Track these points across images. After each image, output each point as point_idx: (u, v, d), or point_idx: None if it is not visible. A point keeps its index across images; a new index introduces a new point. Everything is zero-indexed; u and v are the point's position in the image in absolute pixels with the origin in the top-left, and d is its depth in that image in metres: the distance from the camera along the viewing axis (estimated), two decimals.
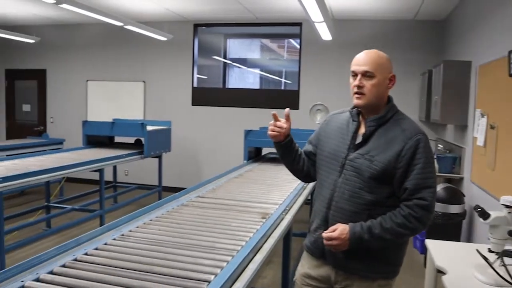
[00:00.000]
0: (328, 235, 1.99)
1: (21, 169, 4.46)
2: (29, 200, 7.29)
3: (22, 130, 9.22)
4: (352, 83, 2.05)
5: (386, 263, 2.09)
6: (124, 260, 2.02)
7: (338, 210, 2.05)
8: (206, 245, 2.26)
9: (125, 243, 2.27)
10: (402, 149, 1.94)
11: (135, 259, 2.03)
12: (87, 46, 8.71)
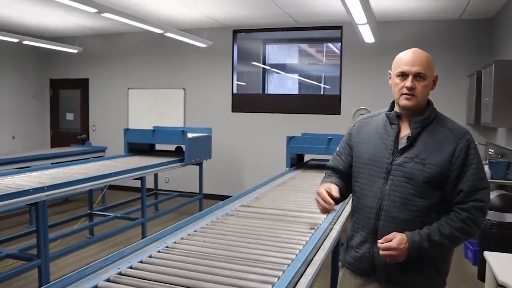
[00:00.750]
0: (385, 245, 1.84)
1: (65, 178, 4.49)
2: (73, 208, 7.39)
3: (65, 138, 9.42)
4: (398, 84, 1.94)
5: (437, 272, 1.97)
6: (169, 274, 1.93)
7: (389, 220, 1.91)
8: (254, 258, 2.15)
9: (170, 256, 2.18)
10: (454, 150, 1.86)
11: (180, 274, 1.93)
12: (128, 55, 8.82)
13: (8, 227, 6.15)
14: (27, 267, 3.97)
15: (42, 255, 3.96)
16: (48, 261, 4.03)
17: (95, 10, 4.50)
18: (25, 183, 4.18)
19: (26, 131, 9.32)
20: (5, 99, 8.89)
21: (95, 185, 4.66)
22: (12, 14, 6.99)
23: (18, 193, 3.75)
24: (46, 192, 3.99)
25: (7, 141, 8.85)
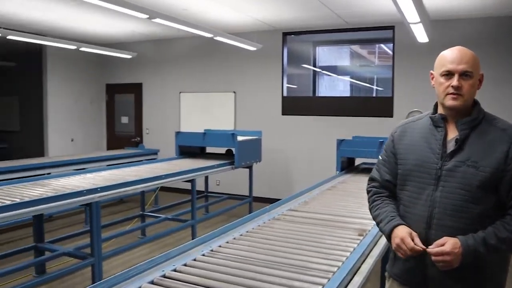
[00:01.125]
0: (438, 250, 1.72)
1: (118, 179, 4.61)
2: (127, 208, 7.60)
3: (121, 141, 9.71)
4: (443, 84, 1.85)
5: (494, 283, 1.86)
6: (211, 278, 1.93)
7: (442, 229, 1.79)
8: (298, 264, 2.11)
9: (214, 260, 2.18)
10: (508, 149, 1.75)
11: (222, 278, 1.92)
12: (180, 59, 8.99)
13: (65, 226, 6.40)
14: (81, 265, 4.11)
15: (95, 254, 4.09)
16: (101, 260, 4.15)
17: (146, 16, 4.61)
18: (80, 184, 4.33)
19: (84, 134, 9.69)
20: (71, 103, 9.30)
21: (146, 187, 4.77)
22: (71, 23, 7.29)
23: (73, 194, 3.90)
24: (99, 193, 4.12)
25: (67, 144, 9.23)
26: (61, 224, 6.55)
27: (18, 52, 10.11)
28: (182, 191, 7.87)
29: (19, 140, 10.79)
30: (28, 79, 10.27)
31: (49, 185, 4.27)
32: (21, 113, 10.90)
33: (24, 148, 10.25)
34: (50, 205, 3.63)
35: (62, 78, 9.14)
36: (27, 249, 4.51)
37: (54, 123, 9.03)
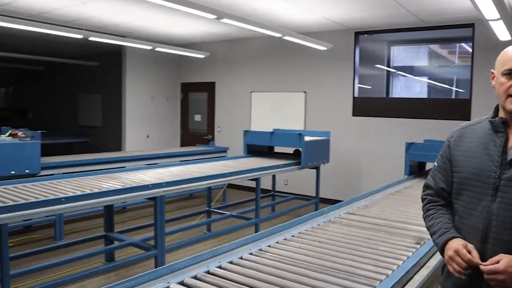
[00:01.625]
0: (491, 268, 1.58)
1: (184, 175, 4.75)
2: (196, 204, 7.81)
3: (193, 138, 10.01)
4: (504, 84, 1.67)
5: None
6: (254, 278, 1.93)
7: (499, 244, 1.63)
8: (345, 269, 2.05)
9: (260, 259, 2.17)
10: None
11: (265, 278, 1.91)
12: (251, 59, 9.09)
13: (136, 218, 6.70)
14: (145, 256, 4.29)
15: (159, 246, 4.24)
16: (164, 252, 4.30)
17: (215, 16, 4.70)
18: (148, 178, 4.51)
19: (159, 131, 10.09)
20: (147, 101, 9.74)
21: (209, 184, 4.88)
22: (149, 24, 7.61)
23: (139, 187, 4.07)
24: (164, 188, 4.26)
25: (142, 140, 9.67)
26: (132, 216, 6.86)
27: (101, 52, 10.77)
28: (250, 189, 7.95)
29: (101, 135, 11.48)
30: (109, 78, 10.90)
31: (120, 178, 4.49)
32: (103, 109, 11.59)
33: (104, 142, 10.89)
34: (116, 197, 3.82)
35: (140, 77, 9.57)
36: (98, 237, 4.78)
37: (132, 120, 9.48)
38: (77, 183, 4.14)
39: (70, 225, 6.11)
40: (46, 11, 6.52)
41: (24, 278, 4.06)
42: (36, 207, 3.23)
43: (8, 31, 7.01)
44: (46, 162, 5.49)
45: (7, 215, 3.04)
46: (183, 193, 8.13)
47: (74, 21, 7.11)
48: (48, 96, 13.58)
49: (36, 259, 4.50)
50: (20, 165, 4.88)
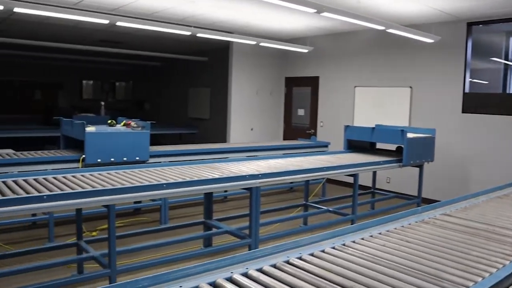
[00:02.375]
0: None
1: (280, 168, 4.83)
2: (295, 197, 7.89)
3: (296, 132, 10.10)
4: None
5: None
6: (333, 272, 1.93)
7: None
8: (431, 272, 1.97)
9: (342, 254, 2.17)
10: None
11: (344, 273, 1.91)
12: (355, 53, 8.91)
13: (235, 207, 6.95)
14: (239, 244, 4.46)
15: (253, 236, 4.38)
16: (258, 242, 4.43)
17: (314, 10, 4.70)
18: (246, 169, 4.66)
19: (263, 124, 10.32)
20: (252, 95, 10.02)
21: (305, 177, 4.91)
22: (255, 20, 7.80)
23: (236, 178, 4.23)
24: (260, 179, 4.38)
25: (246, 133, 9.97)
26: (232, 205, 7.13)
27: (210, 48, 11.27)
28: (349, 185, 7.85)
29: (208, 127, 12.04)
30: (217, 73, 11.39)
31: (220, 168, 4.69)
32: (211, 103, 12.13)
33: (211, 134, 11.42)
34: (213, 186, 4.01)
35: (245, 71, 9.86)
36: (198, 223, 5.06)
37: (237, 113, 9.81)
38: (180, 171, 4.41)
39: (175, 210, 6.54)
40: (159, 11, 6.99)
41: (129, 255, 4.45)
42: (140, 191, 3.52)
43: (127, 30, 7.63)
44: (154, 150, 5.92)
45: (114, 196, 3.37)
46: (283, 186, 8.27)
47: (185, 18, 7.53)
48: (163, 90, 14.55)
49: (142, 239, 4.89)
50: (131, 152, 5.32)
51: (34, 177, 3.80)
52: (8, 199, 3.02)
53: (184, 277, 1.79)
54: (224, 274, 1.84)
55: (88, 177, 3.90)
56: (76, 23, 7.96)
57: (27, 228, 5.65)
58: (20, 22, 8.33)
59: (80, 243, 4.11)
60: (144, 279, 1.70)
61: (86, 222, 5.45)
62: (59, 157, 5.27)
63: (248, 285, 1.76)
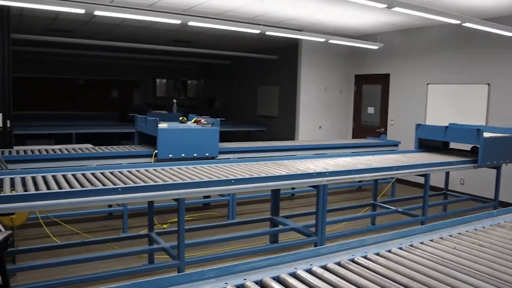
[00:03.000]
0: None
1: (348, 166, 4.77)
2: (364, 196, 7.76)
3: (365, 131, 9.91)
4: None
5: None
6: (399, 272, 1.89)
7: None
8: (503, 278, 1.87)
9: (409, 255, 2.11)
10: None
11: (409, 274, 1.86)
12: (428, 49, 8.58)
13: (302, 205, 6.95)
14: (305, 241, 4.46)
15: (319, 234, 4.38)
16: (324, 240, 4.41)
17: (385, 5, 4.58)
18: (314, 167, 4.65)
19: (332, 122, 10.22)
20: (321, 92, 9.96)
21: (373, 176, 4.83)
22: (323, 17, 7.74)
23: (302, 175, 4.23)
24: (327, 177, 4.36)
25: (315, 131, 9.91)
26: (299, 203, 7.14)
27: (279, 46, 11.32)
28: (420, 185, 7.59)
29: (277, 125, 12.10)
30: (286, 71, 11.41)
31: (287, 165, 4.71)
32: (280, 101, 12.18)
33: (280, 132, 11.47)
34: (279, 183, 4.05)
35: (314, 69, 9.80)
36: (264, 219, 5.12)
37: (305, 111, 9.78)
38: (247, 167, 4.49)
39: (242, 206, 6.65)
40: (229, 10, 7.13)
41: (197, 248, 4.59)
42: (208, 186, 3.63)
43: (198, 29, 7.84)
44: (224, 147, 6.06)
45: (184, 190, 3.50)
46: (351, 185, 8.16)
47: (255, 17, 7.62)
48: (233, 88, 14.80)
49: (210, 233, 5.03)
50: (201, 148, 5.47)
51: (110, 170, 4.03)
52: (86, 190, 3.23)
53: (248, 270, 1.83)
54: (288, 269, 1.86)
55: (160, 172, 4.07)
56: (150, 24, 8.30)
57: (104, 219, 5.99)
58: (98, 25, 8.82)
59: (151, 235, 4.30)
60: (210, 270, 1.75)
61: (157, 215, 5.70)
62: (133, 152, 5.54)
63: (311, 281, 1.76)
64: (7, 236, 2.28)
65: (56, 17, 8.21)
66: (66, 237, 5.15)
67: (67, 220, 5.60)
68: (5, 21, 6.42)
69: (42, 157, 5.03)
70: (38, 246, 4.27)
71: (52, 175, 3.75)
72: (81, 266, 4.19)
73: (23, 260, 4.32)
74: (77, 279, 3.54)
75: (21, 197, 3.05)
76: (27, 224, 4.93)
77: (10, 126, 6.54)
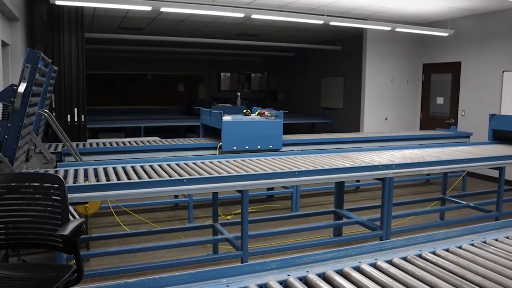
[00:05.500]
0: None
1: (415, 158, 4.60)
2: (432, 190, 7.47)
3: (434, 122, 9.52)
4: None
5: None
6: (468, 269, 1.80)
7: None
8: None
9: (481, 252, 2.00)
10: None
11: (481, 272, 1.77)
12: (503, 34, 8.05)
13: (367, 198, 6.81)
14: (370, 235, 4.37)
15: (384, 228, 4.26)
16: (389, 234, 4.29)
17: None
18: (379, 159, 4.52)
19: (398, 113, 9.90)
20: (387, 83, 9.69)
21: (442, 169, 4.61)
22: (389, 5, 7.49)
23: (368, 167, 4.14)
24: (393, 170, 4.23)
25: (380, 122, 9.66)
26: (364, 196, 7.00)
27: (343, 37, 11.11)
28: (494, 179, 7.20)
29: (341, 117, 11.92)
30: (351, 61, 11.19)
31: (351, 157, 4.62)
32: (344, 92, 11.97)
33: (344, 124, 11.29)
34: (343, 175, 3.98)
35: (380, 59, 9.53)
36: (328, 212, 5.06)
37: (371, 102, 9.55)
38: (311, 159, 4.44)
39: (306, 199, 6.62)
40: (292, 1, 7.08)
41: (261, 240, 4.62)
42: (272, 177, 3.63)
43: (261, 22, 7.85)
44: (287, 139, 6.04)
45: (247, 182, 3.52)
46: (419, 178, 7.89)
47: (317, 8, 7.51)
48: (296, 80, 14.72)
49: (273, 225, 5.05)
50: (265, 140, 5.49)
51: (176, 162, 4.13)
52: (153, 181, 3.34)
53: (311, 262, 1.81)
54: (351, 263, 1.82)
55: (224, 163, 4.12)
56: (214, 19, 8.42)
57: (170, 209, 6.17)
58: (164, 21, 9.07)
59: (215, 225, 4.37)
60: (273, 261, 1.75)
61: (221, 206, 5.79)
62: (198, 145, 5.66)
63: (376, 276, 1.72)
64: (80, 223, 2.40)
65: (125, 16, 8.53)
66: (135, 226, 5.36)
67: (136, 210, 5.82)
68: (79, 21, 6.77)
69: (113, 149, 5.26)
70: (110, 234, 4.49)
71: (122, 167, 3.91)
72: (149, 254, 4.35)
73: (96, 246, 4.56)
74: (145, 266, 3.68)
75: (94, 187, 3.20)
76: (99, 213, 5.18)
77: (84, 121, 6.92)
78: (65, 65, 6.78)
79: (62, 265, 2.76)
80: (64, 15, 6.72)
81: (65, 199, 2.51)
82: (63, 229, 2.31)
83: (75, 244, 2.42)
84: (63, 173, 3.68)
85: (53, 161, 4.43)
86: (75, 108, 6.85)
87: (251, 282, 1.62)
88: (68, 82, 6.80)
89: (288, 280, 1.66)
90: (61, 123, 6.48)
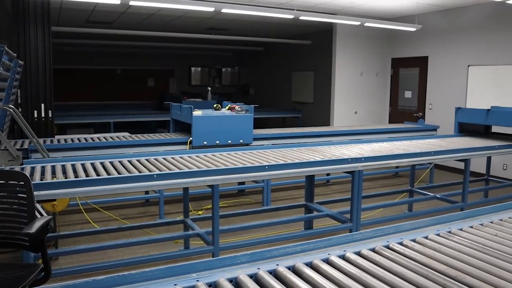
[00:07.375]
0: None
1: (384, 151, 4.68)
2: (401, 183, 7.62)
3: (402, 115, 9.70)
4: None
5: None
6: (435, 259, 1.84)
7: None
8: None
9: (447, 242, 2.05)
10: None
11: (447, 262, 1.81)
12: (469, 30, 8.26)
13: (337, 191, 6.89)
14: (340, 227, 4.42)
15: (354, 220, 4.32)
16: (359, 226, 4.36)
17: None
18: (348, 153, 4.58)
19: (367, 107, 10.05)
20: (357, 77, 9.80)
21: (410, 162, 4.71)
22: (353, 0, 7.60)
23: (337, 161, 4.18)
24: (362, 163, 4.29)
25: (350, 116, 9.78)
26: (334, 189, 7.08)
27: (313, 31, 11.18)
28: (460, 171, 7.38)
29: (312, 111, 12.00)
30: (321, 56, 11.27)
31: (321, 151, 4.66)
32: (315, 86, 12.06)
33: (315, 118, 11.38)
34: (313, 169, 4.01)
35: (349, 53, 9.64)
36: (299, 206, 5.09)
37: (340, 96, 9.65)
38: (281, 153, 4.46)
39: (277, 193, 6.65)
40: None
41: (232, 234, 4.62)
42: (242, 172, 3.63)
43: (231, 16, 7.81)
44: (258, 133, 6.05)
45: (218, 177, 3.51)
46: (388, 171, 8.02)
47: (287, 2, 7.52)
48: (267, 74, 14.75)
49: (244, 219, 5.05)
50: (235, 135, 5.48)
51: (146, 158, 4.09)
52: (123, 177, 3.29)
53: (281, 255, 1.82)
54: (321, 255, 1.84)
55: (195, 159, 4.10)
56: (184, 13, 8.33)
57: (141, 205, 6.10)
58: (134, 15, 8.93)
59: (186, 221, 4.35)
60: (243, 255, 1.76)
61: (192, 201, 5.77)
62: (168, 140, 5.60)
63: (345, 267, 1.74)
64: (47, 221, 2.35)
65: (94, 9, 8.36)
66: (105, 223, 5.29)
67: (106, 206, 5.74)
68: (46, 14, 6.60)
69: (81, 145, 5.16)
70: (79, 232, 4.41)
71: (91, 163, 3.84)
72: (119, 250, 4.30)
73: (65, 244, 4.47)
74: (116, 263, 3.63)
75: (61, 184, 3.14)
76: (68, 210, 5.09)
77: (51, 116, 6.76)
78: (32, 59, 6.60)
79: (29, 264, 2.71)
80: (30, 7, 6.53)
81: (31, 197, 2.45)
82: (29, 227, 2.26)
83: (42, 242, 2.37)
84: (30, 170, 3.60)
85: (19, 158, 4.31)
86: (42, 104, 6.69)
87: (221, 276, 1.62)
88: (35, 77, 6.62)
89: (258, 273, 1.66)
90: (27, 119, 6.32)
